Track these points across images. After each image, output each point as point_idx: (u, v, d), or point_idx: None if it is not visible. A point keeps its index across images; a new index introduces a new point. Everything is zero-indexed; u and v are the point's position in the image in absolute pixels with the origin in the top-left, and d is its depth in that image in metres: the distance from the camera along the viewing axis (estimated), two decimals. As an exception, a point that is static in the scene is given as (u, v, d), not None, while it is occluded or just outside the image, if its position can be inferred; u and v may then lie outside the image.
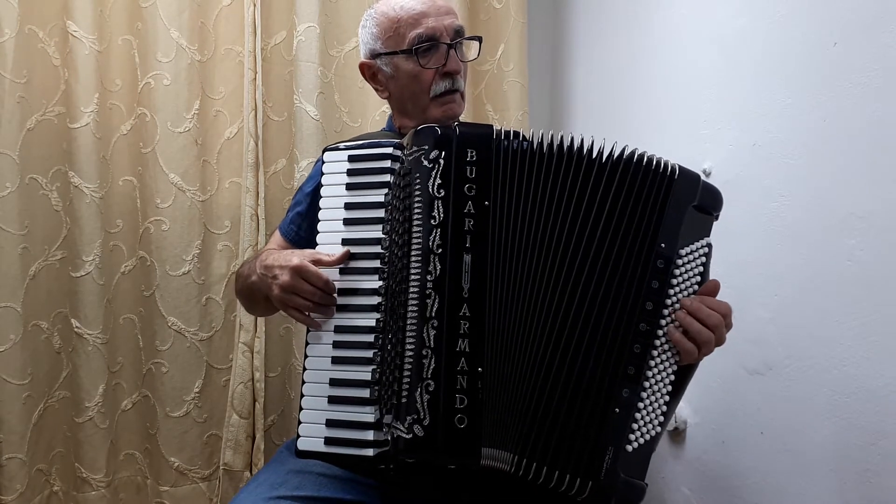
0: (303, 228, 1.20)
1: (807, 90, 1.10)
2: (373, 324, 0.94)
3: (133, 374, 1.68)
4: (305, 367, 0.97)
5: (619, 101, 1.67)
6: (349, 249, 0.97)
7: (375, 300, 0.94)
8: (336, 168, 1.01)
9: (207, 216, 1.69)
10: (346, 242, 0.98)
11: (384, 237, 0.96)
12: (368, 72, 1.20)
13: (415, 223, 0.91)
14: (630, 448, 0.88)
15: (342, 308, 0.97)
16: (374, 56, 1.17)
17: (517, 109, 1.83)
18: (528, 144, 0.92)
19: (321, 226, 1.00)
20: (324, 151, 1.04)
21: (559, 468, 0.87)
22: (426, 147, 0.92)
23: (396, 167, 0.97)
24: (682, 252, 0.91)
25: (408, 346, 0.89)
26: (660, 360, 0.90)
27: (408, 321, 0.89)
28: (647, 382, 0.89)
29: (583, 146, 0.92)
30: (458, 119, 1.17)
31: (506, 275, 0.90)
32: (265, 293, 1.05)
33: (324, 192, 1.01)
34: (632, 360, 0.89)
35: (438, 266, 0.89)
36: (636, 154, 0.92)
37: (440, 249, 0.89)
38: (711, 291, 0.94)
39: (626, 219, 0.91)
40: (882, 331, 0.99)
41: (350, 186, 0.99)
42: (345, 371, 0.95)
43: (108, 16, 1.62)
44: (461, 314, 0.88)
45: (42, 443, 1.58)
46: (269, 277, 1.01)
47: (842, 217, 1.04)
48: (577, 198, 0.91)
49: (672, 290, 0.91)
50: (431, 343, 0.87)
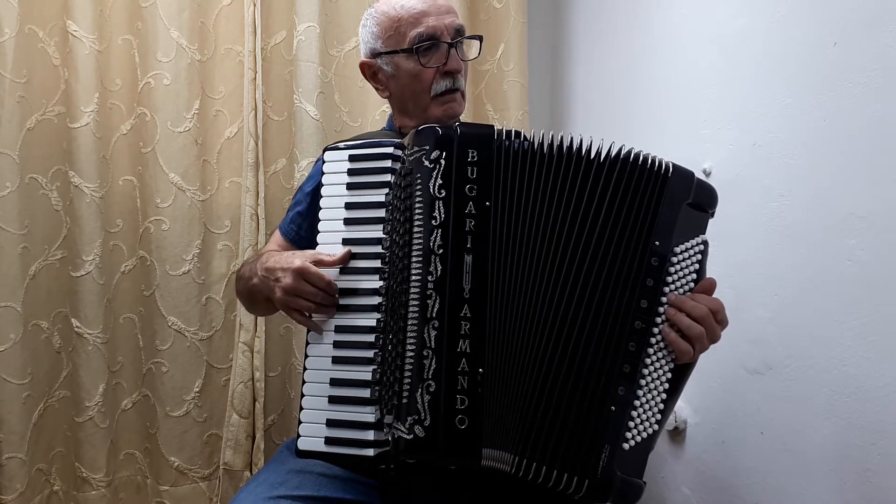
0: (303, 228, 1.20)
1: (807, 90, 1.10)
2: (373, 324, 0.94)
3: (133, 374, 1.68)
4: (306, 367, 0.97)
5: (619, 101, 1.67)
6: (350, 249, 0.97)
7: (376, 300, 0.94)
8: (337, 168, 1.01)
9: (207, 216, 1.69)
10: (347, 242, 0.98)
11: (385, 237, 0.96)
12: (369, 71, 1.20)
13: (416, 223, 0.91)
14: (627, 446, 0.88)
15: (343, 308, 0.96)
16: (375, 55, 1.17)
17: (517, 109, 1.83)
18: (529, 144, 0.92)
19: (322, 225, 1.00)
20: (324, 151, 1.04)
21: (557, 467, 0.87)
22: (427, 147, 0.91)
23: (397, 167, 0.97)
24: (677, 250, 0.91)
25: (408, 347, 0.89)
26: (656, 359, 0.90)
27: (408, 321, 0.89)
28: (644, 380, 0.89)
29: (581, 146, 0.92)
30: (459, 118, 1.17)
31: (506, 275, 0.90)
32: (267, 295, 1.05)
33: (324, 192, 1.01)
34: (627, 359, 0.89)
35: (439, 266, 0.89)
36: (631, 153, 0.92)
37: (441, 250, 0.89)
38: (707, 290, 0.94)
39: (622, 217, 0.91)
40: (882, 331, 0.99)
41: (351, 186, 0.99)
42: (345, 371, 0.95)
43: (108, 16, 1.62)
44: (462, 315, 0.88)
45: (42, 442, 1.58)
46: (272, 280, 1.01)
47: (842, 217, 1.04)
48: (576, 198, 0.91)
49: (667, 288, 0.91)
50: (432, 343, 0.87)
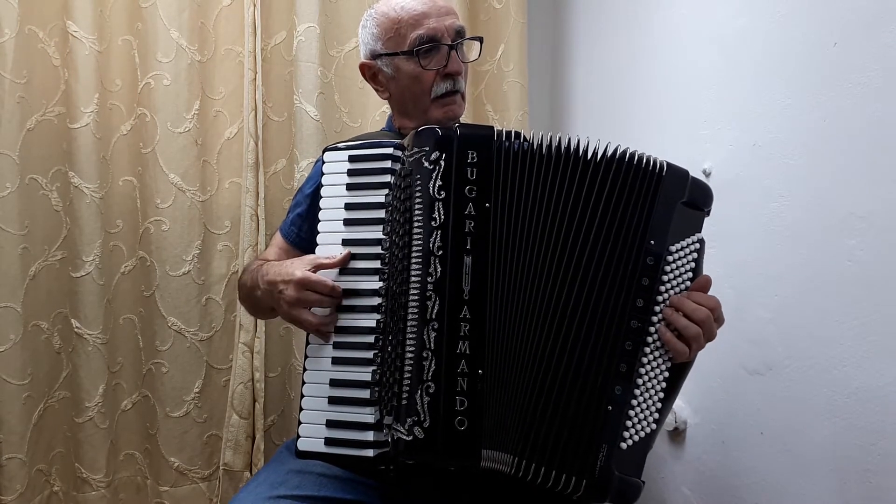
0: (303, 230, 1.20)
1: (807, 90, 1.10)
2: (373, 325, 0.94)
3: (133, 375, 1.68)
4: (306, 368, 0.97)
5: (620, 101, 1.66)
6: (350, 251, 0.97)
7: (376, 301, 0.94)
8: (336, 168, 1.01)
9: (207, 216, 1.69)
10: (347, 243, 0.98)
11: (385, 238, 0.96)
12: (369, 72, 1.19)
13: (415, 224, 0.91)
14: (625, 446, 0.88)
15: (342, 309, 0.96)
16: (375, 56, 1.17)
17: (517, 110, 1.83)
18: (528, 145, 0.92)
19: (321, 226, 1.00)
20: (324, 151, 1.04)
21: (556, 467, 0.87)
22: (427, 148, 0.91)
23: (397, 168, 0.97)
24: (673, 249, 0.91)
25: (408, 348, 0.89)
26: (652, 358, 0.90)
27: (408, 323, 0.89)
28: (640, 380, 0.89)
29: (578, 146, 0.92)
30: (459, 120, 1.17)
31: (506, 276, 0.90)
32: (271, 306, 1.05)
33: (324, 193, 1.01)
34: (623, 358, 0.89)
35: (439, 268, 0.89)
36: (626, 153, 0.92)
37: (441, 251, 0.89)
38: (702, 287, 0.94)
39: (618, 217, 0.90)
40: (882, 331, 0.99)
41: (350, 187, 0.99)
42: (345, 372, 0.95)
43: (108, 16, 1.62)
44: (461, 316, 0.88)
45: (42, 443, 1.58)
46: (276, 293, 1.00)
47: (842, 217, 1.04)
48: (573, 198, 0.91)
49: (663, 287, 0.91)
50: (432, 345, 0.87)
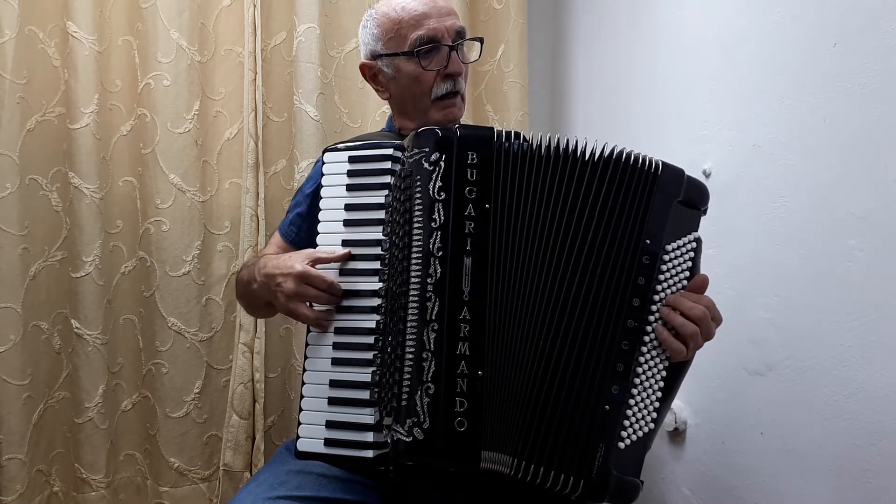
0: (303, 230, 1.20)
1: (807, 90, 1.10)
2: (373, 325, 0.94)
3: (133, 375, 1.68)
4: (305, 368, 0.97)
5: (620, 102, 1.66)
6: (350, 250, 0.97)
7: (375, 302, 0.94)
8: (336, 169, 1.01)
9: (207, 217, 1.69)
10: (347, 244, 0.98)
11: (384, 239, 0.96)
12: (369, 73, 1.19)
13: (415, 225, 0.91)
14: (622, 445, 0.88)
15: (342, 309, 0.96)
16: (375, 57, 1.16)
17: (517, 110, 1.83)
18: (528, 146, 0.92)
19: (321, 227, 1.00)
20: (324, 152, 1.04)
21: (554, 467, 0.87)
22: (427, 149, 0.91)
23: (397, 168, 0.97)
24: (669, 248, 0.91)
25: (408, 349, 0.89)
26: (649, 357, 0.90)
27: (408, 324, 0.89)
28: (638, 379, 0.89)
29: (576, 147, 0.92)
30: (459, 121, 1.16)
31: (505, 277, 0.90)
32: (267, 300, 1.05)
33: (324, 193, 1.01)
34: (620, 357, 0.89)
35: (439, 269, 0.89)
36: (623, 153, 0.91)
37: (441, 252, 0.89)
38: (699, 287, 0.93)
39: (614, 217, 0.90)
40: (882, 331, 0.99)
41: (350, 187, 0.99)
42: (345, 372, 0.95)
43: (108, 16, 1.62)
44: (461, 317, 0.88)
45: (42, 443, 1.58)
46: (273, 286, 1.00)
47: (842, 217, 1.04)
48: (572, 198, 0.91)
49: (660, 286, 0.91)
50: (431, 346, 0.87)
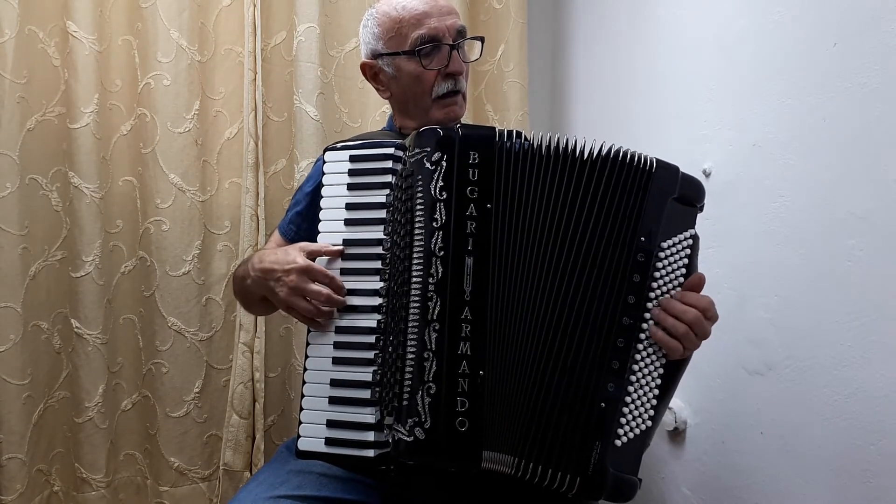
0: (302, 228, 1.20)
1: (807, 90, 1.10)
2: (374, 324, 0.94)
3: (133, 375, 1.68)
4: (306, 368, 0.97)
5: (620, 102, 1.67)
6: (344, 248, 0.97)
7: (377, 301, 0.95)
8: (337, 168, 1.01)
9: (207, 216, 1.69)
10: (348, 243, 0.98)
11: (385, 238, 0.96)
12: (370, 72, 1.19)
13: (417, 225, 0.91)
14: (619, 443, 0.88)
15: (344, 309, 0.96)
16: (376, 56, 1.16)
17: (517, 110, 1.83)
18: (529, 146, 0.92)
19: (322, 226, 1.00)
20: (324, 151, 1.04)
21: (552, 466, 0.87)
22: (428, 149, 0.92)
23: (398, 168, 0.97)
24: (664, 245, 0.91)
25: (409, 349, 0.89)
26: (646, 355, 0.90)
27: (409, 323, 0.90)
28: (634, 377, 0.89)
29: (575, 146, 0.92)
30: (460, 120, 1.17)
31: (506, 277, 0.90)
32: (262, 294, 1.05)
33: (325, 192, 1.01)
34: (616, 355, 0.89)
35: (440, 269, 0.89)
36: (619, 152, 0.91)
37: (442, 252, 0.89)
38: (695, 286, 0.93)
39: (610, 215, 0.90)
40: (882, 331, 0.99)
41: (351, 187, 0.99)
42: (345, 372, 0.95)
43: (108, 16, 1.62)
44: (463, 317, 0.88)
45: (42, 443, 1.58)
46: (272, 280, 1.00)
47: (842, 217, 1.04)
48: (571, 198, 0.91)
49: (655, 284, 0.91)
50: (433, 346, 0.87)
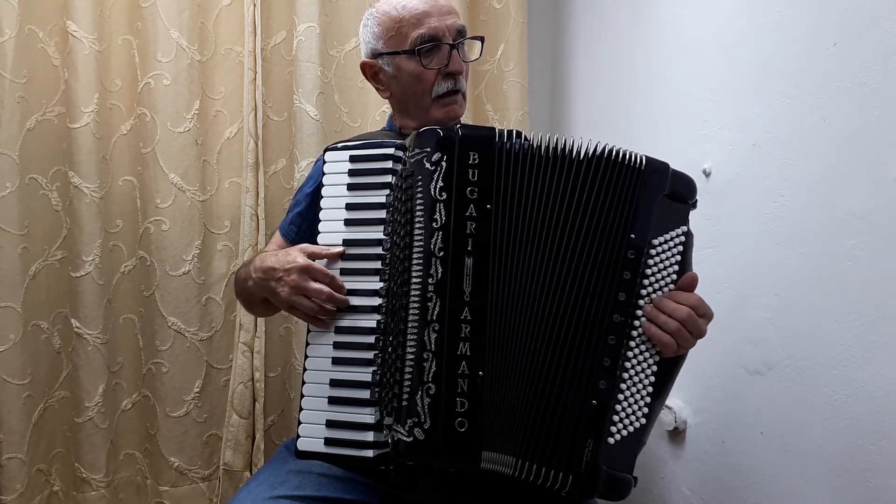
0: (303, 229, 1.20)
1: (807, 90, 1.10)
2: (373, 325, 0.94)
3: (133, 374, 1.68)
4: (306, 368, 0.97)
5: (620, 102, 1.67)
6: (345, 248, 0.97)
7: (376, 301, 0.95)
8: (337, 168, 1.01)
9: (207, 216, 1.69)
10: (347, 243, 0.98)
11: (385, 238, 0.96)
12: (370, 71, 1.19)
13: (416, 225, 0.91)
14: (612, 440, 0.88)
15: (343, 308, 0.96)
16: (376, 55, 1.16)
17: (517, 110, 1.83)
18: (529, 146, 0.92)
19: (322, 226, 1.00)
20: (325, 151, 1.04)
21: (545, 464, 0.87)
22: (428, 149, 0.92)
23: (398, 168, 0.97)
24: (655, 242, 0.91)
25: (409, 349, 0.89)
26: (638, 352, 0.90)
27: (409, 324, 0.90)
28: (626, 374, 0.89)
29: (572, 146, 0.92)
30: (460, 120, 1.17)
31: (506, 278, 0.90)
32: (263, 296, 1.05)
33: (325, 192, 1.01)
34: (607, 352, 0.89)
35: (440, 269, 0.89)
36: (612, 151, 0.92)
37: (442, 253, 0.89)
38: (687, 286, 0.92)
39: (603, 214, 0.91)
40: (882, 331, 0.99)
41: (351, 187, 0.99)
42: (345, 372, 0.95)
43: (108, 16, 1.62)
44: (462, 317, 0.88)
45: (42, 443, 1.58)
46: (273, 280, 1.00)
47: (842, 217, 1.04)
48: (568, 198, 0.91)
49: (647, 281, 0.91)
50: (432, 346, 0.87)
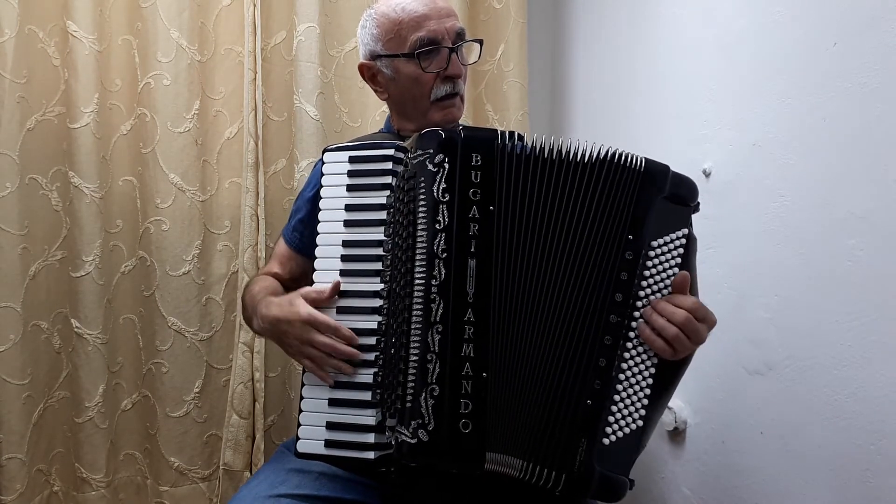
0: (305, 235, 1.20)
1: (807, 90, 1.10)
2: (374, 326, 0.94)
3: (133, 374, 1.68)
4: (305, 369, 0.97)
5: (620, 102, 1.67)
6: (339, 282, 0.96)
7: (377, 302, 0.95)
8: (336, 169, 1.01)
9: (207, 216, 1.69)
10: (347, 244, 0.98)
11: (386, 239, 0.96)
12: (368, 73, 1.19)
13: (419, 227, 0.91)
14: (607, 441, 0.88)
15: (343, 310, 0.96)
16: (374, 57, 1.16)
17: (517, 110, 1.83)
18: (530, 148, 0.92)
19: (321, 227, 1.00)
20: (324, 152, 1.04)
21: (539, 463, 0.87)
22: (431, 151, 0.91)
23: (398, 169, 0.97)
24: (654, 244, 0.91)
25: (412, 351, 0.89)
26: (635, 354, 0.90)
27: (412, 325, 0.90)
28: (622, 375, 0.89)
29: (571, 148, 0.92)
30: (458, 122, 1.16)
31: (508, 279, 0.90)
32: (275, 342, 1.04)
33: (324, 193, 1.01)
34: (603, 352, 0.89)
35: (443, 271, 0.89)
36: (612, 153, 0.92)
37: (445, 254, 0.89)
38: (680, 285, 0.91)
39: (602, 215, 0.91)
40: (882, 331, 0.99)
41: (351, 188, 0.99)
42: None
43: (108, 16, 1.62)
44: (466, 319, 0.88)
45: (42, 443, 1.58)
46: (279, 333, 1.00)
47: (842, 217, 1.04)
48: (566, 199, 0.91)
49: (645, 282, 0.91)
50: (436, 348, 0.87)
